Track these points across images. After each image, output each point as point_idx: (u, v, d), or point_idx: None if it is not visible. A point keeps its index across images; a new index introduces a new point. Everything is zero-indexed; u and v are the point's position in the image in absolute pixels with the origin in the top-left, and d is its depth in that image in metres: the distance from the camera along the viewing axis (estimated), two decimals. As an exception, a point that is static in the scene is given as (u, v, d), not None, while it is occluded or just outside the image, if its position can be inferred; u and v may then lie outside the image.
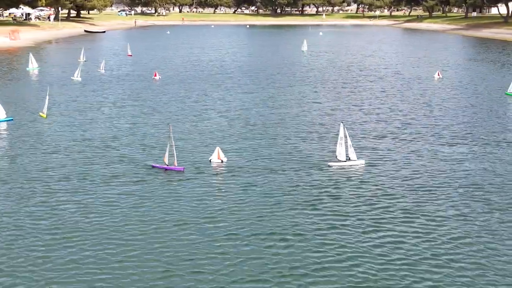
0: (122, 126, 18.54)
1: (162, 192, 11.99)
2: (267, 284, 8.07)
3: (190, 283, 8.07)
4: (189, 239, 9.58)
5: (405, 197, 11.77)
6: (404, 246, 9.33)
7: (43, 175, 12.99)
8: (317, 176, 13.25)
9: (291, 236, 9.71)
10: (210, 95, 25.33)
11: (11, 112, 20.10)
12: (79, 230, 9.86)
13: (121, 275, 8.25)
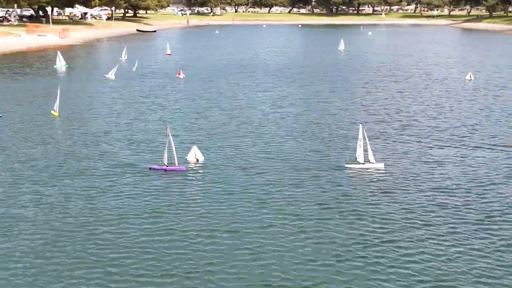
0: (122, 125, 18.37)
1: (164, 191, 11.76)
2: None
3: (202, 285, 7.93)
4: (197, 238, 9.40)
5: (425, 203, 11.10)
6: (425, 253, 8.89)
7: (42, 176, 12.66)
8: (334, 178, 12.75)
9: (303, 236, 9.44)
10: (226, 93, 25.14)
11: (23, 108, 20.62)
12: (83, 233, 9.60)
13: (131, 277, 8.11)
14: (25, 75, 31.35)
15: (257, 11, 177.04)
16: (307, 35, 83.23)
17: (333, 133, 17.24)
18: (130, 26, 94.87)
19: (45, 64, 35.26)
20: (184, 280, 8.05)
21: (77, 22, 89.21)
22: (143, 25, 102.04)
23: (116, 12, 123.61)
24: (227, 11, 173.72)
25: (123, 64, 33.82)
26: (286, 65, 38.11)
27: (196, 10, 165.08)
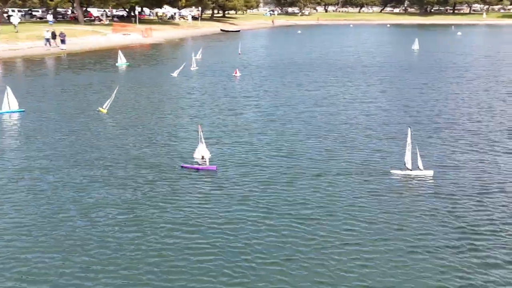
0: (164, 122, 18.10)
1: (195, 191, 11.36)
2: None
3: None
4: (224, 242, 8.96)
5: (476, 215, 10.11)
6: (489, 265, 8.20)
7: (74, 175, 12.42)
8: (378, 184, 11.68)
9: (347, 248, 8.73)
10: (275, 92, 24.60)
11: (70, 104, 21.39)
12: (112, 229, 9.39)
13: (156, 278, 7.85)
14: (89, 70, 32.73)
15: (347, 11, 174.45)
16: (389, 35, 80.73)
17: (379, 135, 16.13)
18: (215, 26, 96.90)
19: (114, 61, 36.70)
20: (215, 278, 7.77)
21: (165, 22, 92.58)
22: (228, 25, 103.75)
23: (206, 12, 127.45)
24: (317, 11, 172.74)
25: (195, 62, 34.36)
26: (348, 64, 37.24)
27: (285, 10, 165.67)
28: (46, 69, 34.21)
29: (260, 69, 34.57)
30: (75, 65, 35.73)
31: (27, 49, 43.09)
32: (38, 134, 16.29)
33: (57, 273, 7.87)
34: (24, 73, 32.43)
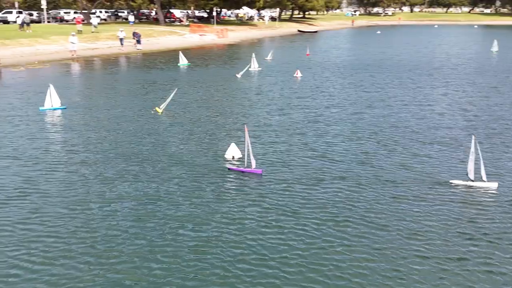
0: (214, 123, 17.93)
1: (237, 194, 11.04)
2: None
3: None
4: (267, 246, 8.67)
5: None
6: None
7: (115, 170, 12.49)
8: (437, 195, 10.97)
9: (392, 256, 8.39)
10: (333, 93, 24.10)
11: (126, 103, 21.76)
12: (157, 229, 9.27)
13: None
14: (153, 70, 33.65)
15: (434, 11, 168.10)
16: (472, 36, 77.00)
17: (439, 142, 15.23)
18: (293, 27, 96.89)
19: (172, 61, 37.64)
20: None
21: (243, 23, 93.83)
22: (306, 26, 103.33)
23: (287, 13, 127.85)
24: (403, 11, 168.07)
25: (263, 63, 34.48)
26: (418, 66, 35.91)
27: (368, 11, 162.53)
28: (114, 68, 35.72)
29: (324, 70, 34.16)
30: (143, 65, 37.05)
31: (105, 49, 45.27)
32: (86, 129, 16.85)
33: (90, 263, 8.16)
34: (94, 71, 34.12)
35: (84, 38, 46.93)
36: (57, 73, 31.70)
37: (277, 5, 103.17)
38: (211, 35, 64.69)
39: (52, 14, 76.25)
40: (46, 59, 37.46)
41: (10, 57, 36.31)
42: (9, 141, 15.30)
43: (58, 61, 37.46)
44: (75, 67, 35.46)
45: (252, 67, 32.92)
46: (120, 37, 45.17)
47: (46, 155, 13.82)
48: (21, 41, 42.19)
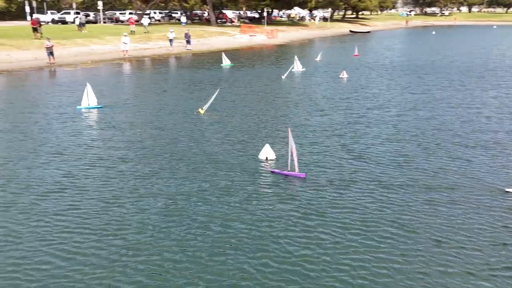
0: (263, 124, 17.73)
1: (282, 198, 10.83)
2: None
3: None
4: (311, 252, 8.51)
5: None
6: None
7: (162, 174, 12.37)
8: (489, 204, 10.51)
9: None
10: (377, 95, 23.71)
11: (167, 103, 21.81)
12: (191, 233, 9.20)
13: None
14: (198, 70, 34.08)
15: (494, 11, 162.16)
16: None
17: (490, 147, 14.68)
18: (344, 27, 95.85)
19: (229, 62, 37.95)
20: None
21: (294, 23, 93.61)
22: (358, 26, 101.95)
23: (339, 13, 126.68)
24: (461, 11, 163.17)
25: (311, 65, 34.20)
26: (471, 67, 34.98)
27: (424, 11, 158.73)
28: (162, 68, 36.42)
29: (371, 71, 33.66)
30: (190, 65, 37.61)
31: (156, 49, 46.26)
32: (124, 128, 17.25)
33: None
34: (141, 71, 34.90)
35: (136, 39, 48.14)
36: (107, 72, 32.69)
37: (329, 5, 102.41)
38: (260, 36, 64.91)
39: (108, 14, 78.59)
40: (99, 59, 38.69)
41: (66, 56, 37.72)
42: (45, 137, 15.94)
43: (110, 60, 38.61)
44: (125, 66, 36.43)
45: (295, 68, 32.74)
46: (170, 38, 46.01)
47: (86, 152, 14.28)
48: (77, 41, 43.74)
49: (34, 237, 9.00)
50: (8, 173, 12.38)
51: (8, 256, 8.37)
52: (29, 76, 30.54)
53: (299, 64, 33.58)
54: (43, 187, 11.44)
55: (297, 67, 33.18)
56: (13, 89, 25.71)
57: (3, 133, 16.43)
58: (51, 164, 13.19)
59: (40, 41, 39.65)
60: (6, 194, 11.05)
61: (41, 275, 7.80)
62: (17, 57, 35.08)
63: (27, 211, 10.11)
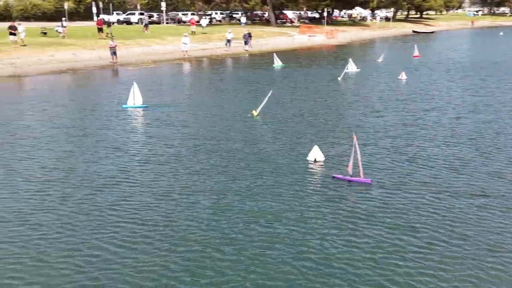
0: (315, 127, 17.43)
1: (342, 205, 10.42)
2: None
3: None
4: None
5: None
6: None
7: (216, 173, 12.37)
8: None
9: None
10: (437, 97, 23.00)
11: (223, 103, 21.86)
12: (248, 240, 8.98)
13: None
14: (256, 70, 34.31)
15: None
16: None
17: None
18: (407, 27, 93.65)
19: (286, 62, 37.93)
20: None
21: (355, 23, 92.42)
22: (422, 26, 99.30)
23: (403, 13, 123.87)
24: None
25: (371, 67, 33.62)
26: None
27: (492, 11, 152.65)
28: (220, 68, 36.94)
29: (432, 72, 32.75)
30: (246, 65, 37.95)
31: (215, 49, 46.93)
32: (179, 126, 17.63)
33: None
34: (198, 71, 35.54)
35: (196, 39, 49.05)
36: (165, 72, 33.56)
37: (392, 5, 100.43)
38: (320, 36, 64.49)
39: (171, 15, 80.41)
40: (160, 59, 39.72)
41: (128, 56, 38.97)
42: (104, 133, 16.55)
43: (171, 60, 39.55)
44: (184, 66, 37.23)
45: (349, 69, 32.27)
46: (228, 38, 46.55)
47: (141, 148, 14.76)
48: (139, 41, 45.10)
49: (89, 227, 9.41)
50: (69, 167, 12.96)
51: (64, 244, 8.77)
52: (92, 74, 31.80)
53: (354, 65, 33.15)
54: (98, 181, 11.90)
55: (351, 68, 32.74)
56: (76, 88, 26.89)
57: (66, 128, 17.22)
58: (108, 159, 13.70)
59: (104, 41, 41.18)
60: (66, 186, 11.56)
61: (93, 264, 8.13)
62: (83, 57, 36.59)
63: (84, 203, 10.57)
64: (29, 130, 16.87)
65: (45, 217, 9.87)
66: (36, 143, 15.18)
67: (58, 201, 10.67)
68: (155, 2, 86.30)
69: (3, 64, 31.18)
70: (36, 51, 35.26)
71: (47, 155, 13.96)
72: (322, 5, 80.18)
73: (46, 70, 31.86)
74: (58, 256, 8.37)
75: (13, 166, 13.00)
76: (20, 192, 11.21)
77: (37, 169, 12.79)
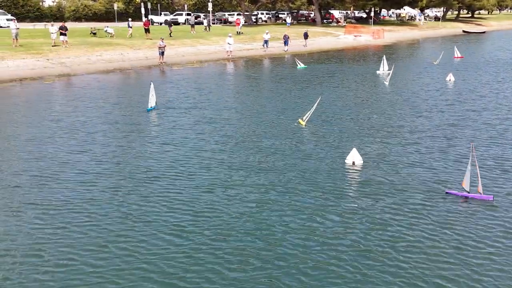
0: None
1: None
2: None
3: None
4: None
5: None
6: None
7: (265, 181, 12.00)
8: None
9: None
10: (489, 100, 22.37)
11: (269, 113, 19.71)
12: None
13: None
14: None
15: None
16: None
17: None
18: (457, 27, 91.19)
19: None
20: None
21: (403, 23, 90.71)
22: (472, 26, 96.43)
23: (454, 12, 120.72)
24: None
25: (432, 66, 32.82)
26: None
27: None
28: (256, 68, 37.00)
29: (479, 72, 31.81)
30: (282, 66, 37.80)
31: (258, 49, 46.99)
32: (223, 124, 17.78)
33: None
34: (236, 72, 35.69)
35: (241, 39, 49.33)
36: (208, 72, 33.87)
37: (442, 5, 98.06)
38: (365, 36, 63.65)
39: (218, 16, 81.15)
40: (204, 59, 40.14)
41: (174, 56, 39.54)
42: (151, 129, 16.91)
43: (215, 61, 39.93)
44: (228, 66, 37.51)
45: (380, 70, 32.17)
46: (265, 39, 46.42)
47: (186, 144, 15.05)
48: (185, 41, 45.73)
49: (136, 216, 9.94)
50: (123, 160, 13.63)
51: (114, 233, 9.22)
52: (138, 74, 32.49)
53: (386, 65, 32.66)
54: (148, 174, 12.52)
55: (383, 69, 32.50)
56: (123, 86, 27.54)
57: (120, 124, 17.93)
58: (155, 154, 14.25)
59: (152, 41, 41.97)
60: (116, 179, 12.16)
61: (139, 251, 8.54)
62: (130, 57, 37.41)
63: (133, 194, 11.11)
64: (82, 125, 17.67)
65: (103, 206, 10.44)
66: (89, 138, 15.99)
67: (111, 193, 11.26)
68: (203, 3, 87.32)
69: (53, 64, 32.24)
70: (86, 51, 36.31)
71: (99, 150, 14.66)
72: (369, 5, 79.09)
73: (94, 69, 32.75)
74: (111, 243, 8.83)
75: (66, 159, 13.73)
76: (73, 182, 11.88)
77: (90, 162, 13.51)
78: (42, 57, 32.87)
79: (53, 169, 12.82)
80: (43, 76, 29.58)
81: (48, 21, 52.45)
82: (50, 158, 13.79)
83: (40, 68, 30.96)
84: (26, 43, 36.32)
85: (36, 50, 34.25)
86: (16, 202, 10.62)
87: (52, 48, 35.57)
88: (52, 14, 69.84)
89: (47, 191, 11.28)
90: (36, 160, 13.61)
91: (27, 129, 17.09)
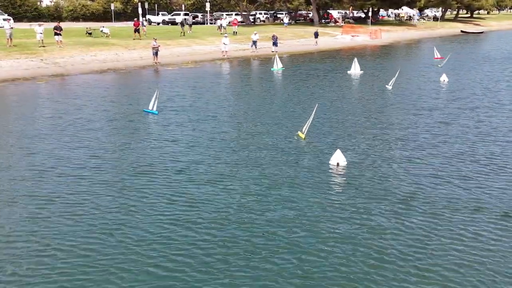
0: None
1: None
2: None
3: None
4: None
5: None
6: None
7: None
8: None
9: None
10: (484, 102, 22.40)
11: (272, 126, 17.82)
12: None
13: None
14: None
15: None
16: None
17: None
18: (455, 27, 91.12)
19: (335, 66, 37.50)
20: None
21: (401, 23, 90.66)
22: (471, 26, 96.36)
23: (452, 13, 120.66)
24: None
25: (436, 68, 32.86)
26: None
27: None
28: (252, 68, 37.00)
29: (478, 76, 31.75)
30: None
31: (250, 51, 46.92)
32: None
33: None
34: (229, 72, 35.65)
35: (237, 39, 49.29)
36: (202, 72, 33.83)
37: (440, 5, 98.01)
38: (363, 36, 63.59)
39: (215, 16, 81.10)
40: (199, 59, 40.07)
41: (169, 56, 39.48)
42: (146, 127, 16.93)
43: (210, 61, 39.85)
44: (222, 66, 37.46)
45: (351, 71, 32.35)
46: (254, 40, 45.72)
47: (198, 142, 15.24)
48: (180, 41, 45.69)
49: (149, 210, 10.34)
50: (131, 158, 13.92)
51: (128, 228, 9.54)
52: (132, 74, 32.43)
53: (358, 66, 32.63)
54: (137, 169, 12.93)
55: (355, 70, 32.50)
56: (118, 85, 27.51)
57: (114, 124, 18.14)
58: (163, 151, 14.63)
59: (146, 41, 41.92)
60: (126, 175, 12.45)
61: (151, 244, 8.91)
62: (124, 57, 37.37)
63: (143, 190, 11.49)
64: (72, 125, 17.87)
65: (106, 200, 10.84)
66: (85, 135, 16.33)
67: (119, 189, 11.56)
68: (201, 3, 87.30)
69: (46, 64, 32.22)
70: (80, 51, 36.28)
71: (96, 145, 15.14)
72: (368, 5, 78.96)
73: (88, 69, 32.70)
74: (124, 239, 9.10)
75: (63, 155, 14.11)
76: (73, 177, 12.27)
77: (88, 158, 13.87)
78: (36, 57, 32.85)
79: (47, 165, 13.27)
80: (36, 76, 29.54)
81: (46, 21, 52.42)
82: (44, 154, 14.23)
83: (33, 68, 30.93)
84: (21, 43, 36.31)
85: (30, 50, 34.23)
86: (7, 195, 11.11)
87: (47, 48, 35.52)
88: (50, 14, 69.83)
89: (37, 186, 11.74)
90: (27, 155, 14.11)
91: (13, 127, 17.29)
